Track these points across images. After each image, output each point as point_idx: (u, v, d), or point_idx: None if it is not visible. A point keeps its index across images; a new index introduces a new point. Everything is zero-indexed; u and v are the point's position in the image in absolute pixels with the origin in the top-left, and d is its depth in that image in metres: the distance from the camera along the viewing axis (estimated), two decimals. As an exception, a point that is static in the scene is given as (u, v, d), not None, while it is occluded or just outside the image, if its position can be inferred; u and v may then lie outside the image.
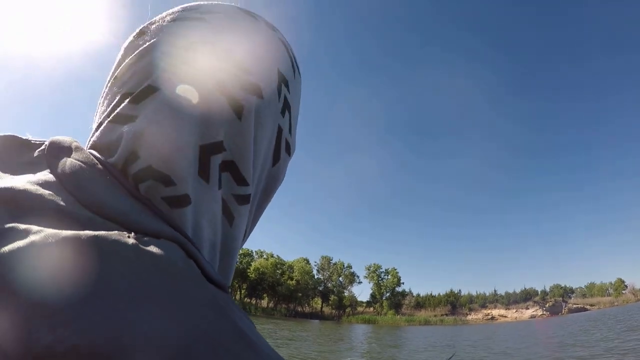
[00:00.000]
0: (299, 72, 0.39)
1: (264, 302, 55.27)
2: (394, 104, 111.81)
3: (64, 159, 0.27)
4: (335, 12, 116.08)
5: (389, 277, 59.87)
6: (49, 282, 0.20)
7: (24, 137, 0.31)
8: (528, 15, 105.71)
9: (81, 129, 0.36)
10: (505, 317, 62.70)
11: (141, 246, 0.23)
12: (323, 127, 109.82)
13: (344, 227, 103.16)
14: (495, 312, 64.19)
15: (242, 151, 0.31)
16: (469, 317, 62.26)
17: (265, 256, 56.11)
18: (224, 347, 0.21)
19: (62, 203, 0.24)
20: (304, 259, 57.81)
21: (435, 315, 60.81)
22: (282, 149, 0.35)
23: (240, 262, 52.83)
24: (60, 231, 0.21)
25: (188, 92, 0.29)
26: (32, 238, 0.21)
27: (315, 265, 59.54)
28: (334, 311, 57.82)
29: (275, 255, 56.68)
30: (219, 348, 0.21)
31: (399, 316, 57.63)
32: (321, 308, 58.47)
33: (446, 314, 62.11)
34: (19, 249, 0.21)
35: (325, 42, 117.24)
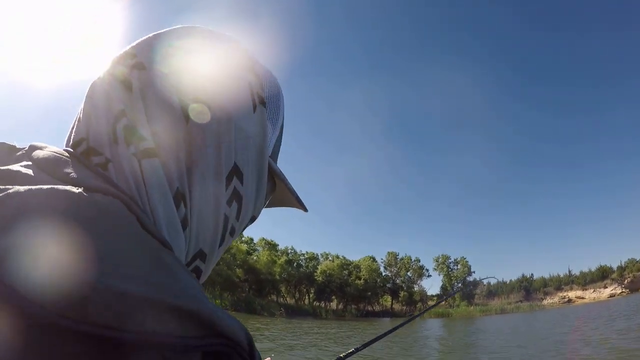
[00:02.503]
0: (279, 96, 0.45)
1: (333, 304, 54.32)
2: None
3: (38, 151, 0.35)
4: (334, 11, 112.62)
5: (459, 267, 57.40)
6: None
7: (11, 144, 0.38)
8: (529, 16, 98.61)
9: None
10: (583, 298, 58.97)
11: (86, 194, 0.28)
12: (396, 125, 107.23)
13: (405, 221, 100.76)
14: (571, 294, 60.49)
15: (136, 116, 0.36)
16: (545, 302, 59.00)
17: (330, 258, 54.90)
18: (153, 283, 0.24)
19: (33, 174, 0.31)
20: (370, 257, 55.99)
21: (509, 303, 57.96)
22: (189, 106, 0.38)
23: (307, 266, 51.93)
24: (29, 187, 0.27)
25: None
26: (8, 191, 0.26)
27: (382, 263, 57.89)
28: (404, 307, 55.99)
29: (340, 256, 55.29)
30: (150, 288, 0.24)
31: (472, 307, 55.28)
32: (391, 305, 56.83)
33: (520, 301, 59.10)
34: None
35: (326, 39, 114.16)
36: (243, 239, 45.95)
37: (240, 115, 0.40)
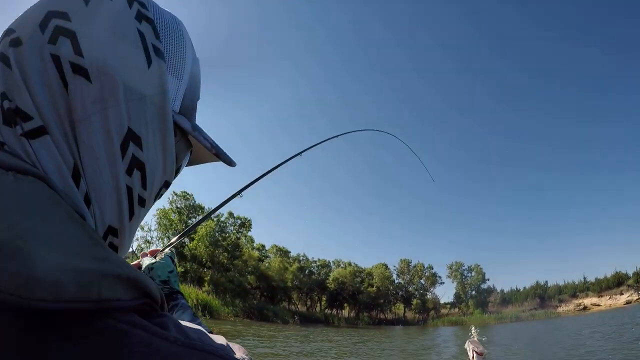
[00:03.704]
0: None
1: (345, 312, 53.61)
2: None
3: None
4: (334, 10, 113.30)
5: (473, 274, 56.60)
6: None
7: None
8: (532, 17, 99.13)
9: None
10: (599, 305, 57.76)
11: (11, 176, 0.28)
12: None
13: (419, 228, 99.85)
14: (587, 301, 59.27)
15: (17, 94, 0.33)
16: (560, 309, 57.85)
17: (342, 265, 54.34)
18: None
19: None
20: (383, 264, 55.34)
21: (523, 311, 56.91)
22: (66, 72, 0.34)
23: (319, 273, 51.43)
24: None
25: None
26: None
27: (395, 270, 56.99)
28: (417, 315, 55.13)
29: (352, 264, 54.69)
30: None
31: (486, 315, 54.33)
32: (404, 313, 55.91)
33: (535, 308, 58.02)
34: None
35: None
36: (255, 245, 45.83)
37: (130, 75, 0.37)
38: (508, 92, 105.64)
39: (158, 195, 0.43)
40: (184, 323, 0.32)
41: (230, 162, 0.48)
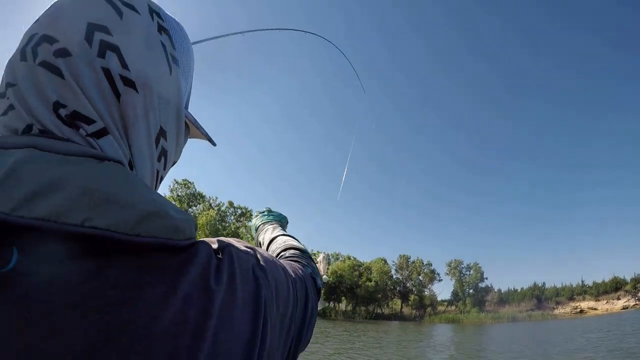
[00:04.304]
0: (136, 10, 0.43)
1: (342, 305, 53.66)
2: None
3: (34, 137, 0.36)
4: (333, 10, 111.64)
5: (472, 272, 56.53)
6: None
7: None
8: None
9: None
10: (596, 309, 57.81)
11: (101, 162, 0.35)
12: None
13: (418, 225, 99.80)
14: (584, 304, 59.32)
15: (74, 102, 0.38)
16: (556, 311, 57.88)
17: (341, 258, 54.37)
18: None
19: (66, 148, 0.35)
20: (382, 259, 55.44)
21: (520, 312, 56.92)
22: (118, 85, 0.40)
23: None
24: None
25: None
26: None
27: (394, 265, 57.06)
28: (414, 311, 55.07)
29: (351, 257, 54.65)
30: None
31: (483, 314, 54.31)
32: (401, 309, 55.93)
33: (532, 309, 58.02)
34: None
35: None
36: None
37: (160, 83, 0.43)
38: (518, 88, 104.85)
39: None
40: None
41: (214, 143, 0.58)
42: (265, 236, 0.87)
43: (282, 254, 0.72)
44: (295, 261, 0.63)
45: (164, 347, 0.29)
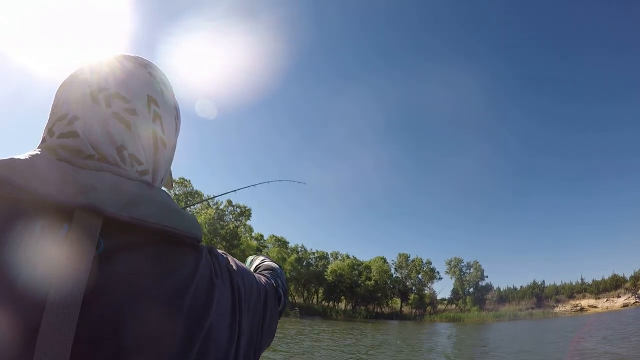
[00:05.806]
0: (170, 92, 0.60)
1: (342, 305, 53.18)
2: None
3: (108, 163, 0.50)
4: (333, 10, 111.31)
5: (472, 270, 56.15)
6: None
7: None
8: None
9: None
10: (596, 307, 57.56)
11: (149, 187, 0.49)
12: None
13: (417, 224, 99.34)
14: (584, 302, 59.03)
15: (134, 148, 0.53)
16: (557, 310, 57.60)
17: (341, 257, 53.81)
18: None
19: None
20: (381, 258, 54.85)
21: (520, 310, 56.61)
22: (159, 144, 0.57)
23: (317, 266, 50.92)
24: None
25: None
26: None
27: (393, 264, 56.55)
28: (413, 310, 54.74)
29: (351, 256, 54.28)
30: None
31: (484, 312, 53.97)
32: (400, 307, 55.50)
33: (532, 307, 57.70)
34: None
35: (327, 39, 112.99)
36: (253, 234, 45.06)
37: (173, 137, 0.61)
38: (522, 90, 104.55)
39: None
40: None
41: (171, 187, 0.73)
42: (254, 262, 0.98)
43: (258, 266, 0.88)
44: (265, 274, 0.76)
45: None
